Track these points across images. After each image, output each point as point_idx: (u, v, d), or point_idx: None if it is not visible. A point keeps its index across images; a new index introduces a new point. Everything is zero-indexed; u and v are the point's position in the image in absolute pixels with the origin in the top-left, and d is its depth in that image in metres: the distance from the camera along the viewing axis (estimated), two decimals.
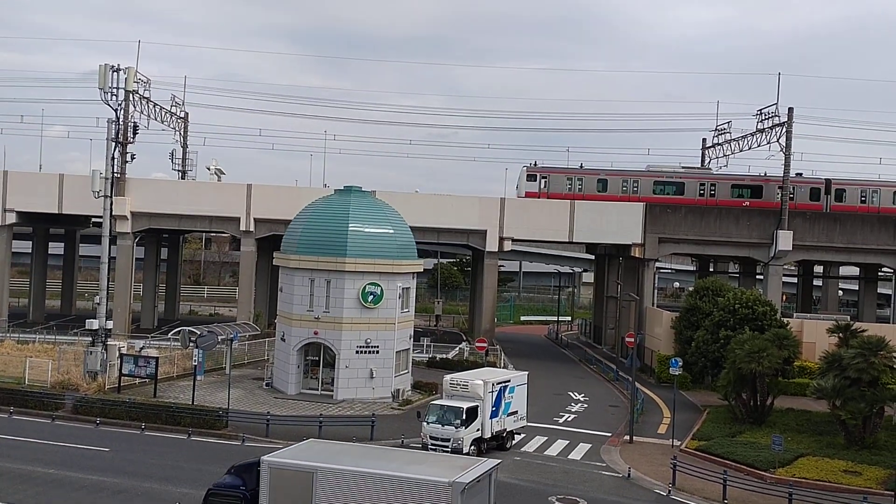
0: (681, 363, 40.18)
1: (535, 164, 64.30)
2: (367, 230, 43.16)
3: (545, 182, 62.97)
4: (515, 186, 64.90)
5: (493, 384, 33.60)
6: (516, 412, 35.40)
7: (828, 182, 62.93)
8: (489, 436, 33.42)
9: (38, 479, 25.84)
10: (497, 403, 33.85)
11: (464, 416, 32.11)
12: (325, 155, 70.94)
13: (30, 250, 75.96)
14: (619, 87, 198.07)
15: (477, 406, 32.83)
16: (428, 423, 32.71)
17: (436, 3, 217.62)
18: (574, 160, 75.55)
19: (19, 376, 41.98)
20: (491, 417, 33.37)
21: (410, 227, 46.65)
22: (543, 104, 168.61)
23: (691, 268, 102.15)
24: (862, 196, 61.92)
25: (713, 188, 62.07)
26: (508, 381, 35.07)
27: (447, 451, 31.75)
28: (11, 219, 62.38)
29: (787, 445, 32.95)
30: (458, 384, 33.82)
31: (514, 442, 35.36)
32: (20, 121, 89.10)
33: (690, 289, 61.61)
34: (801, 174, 63.51)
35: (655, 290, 69.30)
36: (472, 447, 32.48)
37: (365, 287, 42.08)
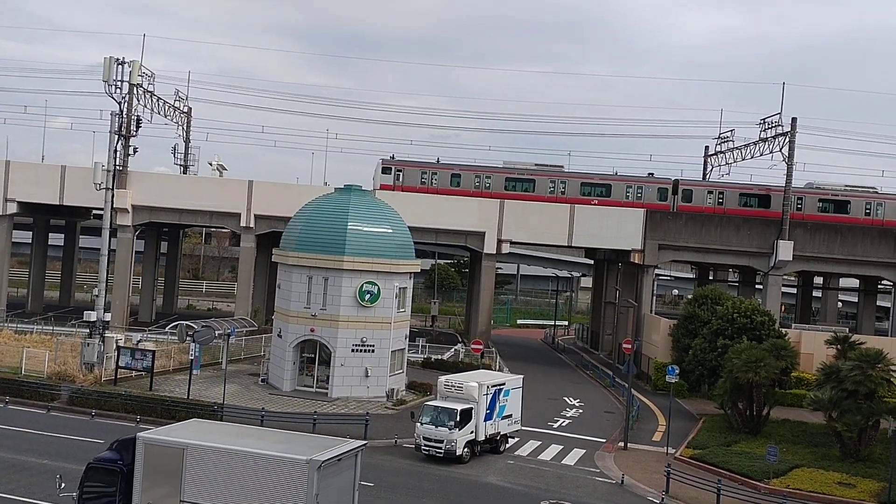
0: (677, 371, 40.13)
1: (392, 158, 64.60)
2: (365, 229, 43.19)
3: (400, 175, 63.18)
4: (372, 179, 64.84)
5: (487, 387, 33.47)
6: (511, 416, 35.22)
7: (675, 182, 63.42)
8: (483, 438, 33.27)
9: (32, 469, 25.82)
10: (491, 406, 33.69)
11: (457, 418, 31.99)
12: (327, 153, 70.92)
13: (30, 241, 75.95)
14: (621, 93, 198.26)
15: (471, 408, 32.68)
16: (421, 423, 32.55)
17: (439, 5, 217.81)
18: (575, 164, 75.69)
19: (16, 366, 41.95)
20: (485, 420, 33.22)
21: (409, 227, 46.68)
22: (545, 107, 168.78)
23: (691, 275, 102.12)
24: (709, 197, 62.61)
25: (563, 185, 62.71)
26: (503, 384, 34.98)
27: (440, 453, 31.83)
28: (12, 209, 62.36)
29: (782, 456, 32.93)
30: (452, 386, 33.71)
31: (507, 445, 35.16)
32: (24, 111, 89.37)
33: (689, 296, 61.57)
34: (651, 174, 64.83)
35: (654, 297, 69.23)
36: (466, 449, 32.38)
37: (362, 286, 42.09)
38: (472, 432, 32.72)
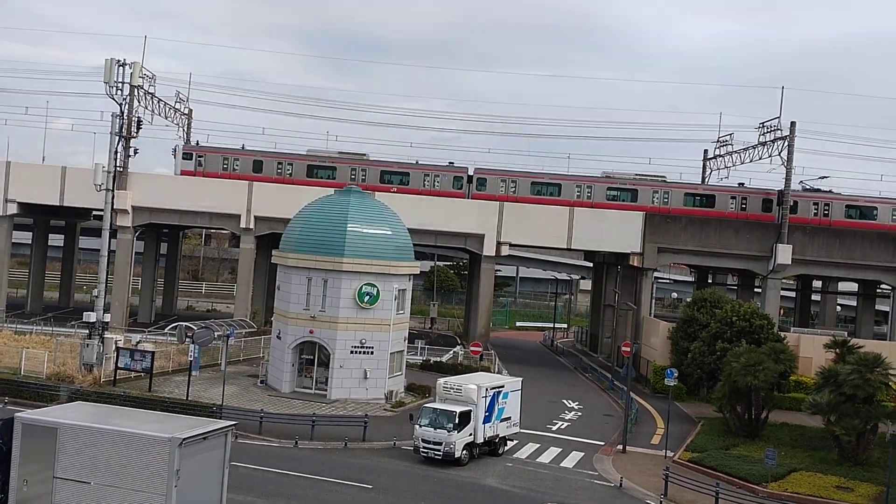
0: (676, 374, 40.19)
1: (197, 144, 64.88)
2: (365, 231, 43.24)
3: (201, 161, 63.28)
4: (174, 165, 65.05)
5: (486, 389, 33.50)
6: (509, 418, 35.21)
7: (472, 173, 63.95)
8: (481, 441, 33.27)
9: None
10: (490, 409, 33.68)
11: (456, 420, 31.98)
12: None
13: (30, 241, 75.96)
14: (622, 96, 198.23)
15: (470, 410, 32.66)
16: (420, 426, 32.52)
17: (443, 8, 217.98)
18: (575, 167, 75.73)
19: (15, 367, 41.97)
20: (484, 422, 33.20)
21: (408, 229, 46.73)
22: (546, 110, 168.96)
23: (690, 279, 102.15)
24: (503, 185, 63.34)
25: (364, 173, 63.22)
26: (502, 386, 34.98)
27: (438, 455, 31.85)
28: (13, 209, 62.40)
29: (781, 460, 32.94)
30: (451, 388, 33.66)
31: (506, 448, 35.12)
32: (25, 112, 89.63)
33: (688, 300, 61.65)
34: (451, 163, 65.24)
35: (653, 300, 69.27)
36: (464, 452, 32.38)
37: (361, 287, 42.14)
38: (470, 434, 32.70)
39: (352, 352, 42.29)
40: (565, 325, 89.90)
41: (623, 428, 38.47)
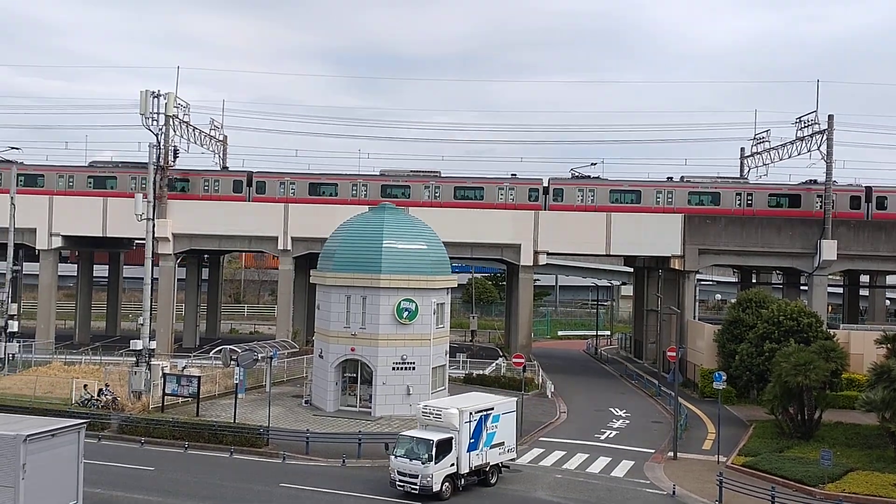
0: (724, 377, 39.51)
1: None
2: (400, 246, 43.34)
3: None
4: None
5: (470, 413, 30.11)
6: (502, 444, 31.68)
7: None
8: (466, 471, 29.88)
9: (87, 498, 26.13)
10: (477, 435, 30.32)
11: (433, 451, 28.67)
12: (359, 173, 71.18)
13: (75, 273, 77.53)
14: (655, 99, 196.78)
15: (451, 438, 29.37)
16: (395, 456, 29.42)
17: (468, 21, 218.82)
18: (609, 172, 74.95)
19: (66, 397, 42.74)
20: (469, 450, 29.88)
21: (444, 242, 46.73)
22: (579, 117, 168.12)
23: (733, 279, 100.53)
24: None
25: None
26: (491, 409, 31.38)
27: (415, 490, 28.65)
28: (57, 242, 63.75)
29: (837, 460, 32.20)
30: (430, 413, 30.32)
31: (501, 476, 31.71)
32: (65, 147, 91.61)
33: (733, 301, 60.69)
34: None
35: (697, 303, 68.34)
36: (446, 484, 29.07)
37: (400, 303, 42.19)
38: (452, 465, 29.33)
39: (394, 368, 42.31)
40: (608, 333, 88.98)
41: (673, 434, 37.88)
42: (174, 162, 61.86)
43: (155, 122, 56.23)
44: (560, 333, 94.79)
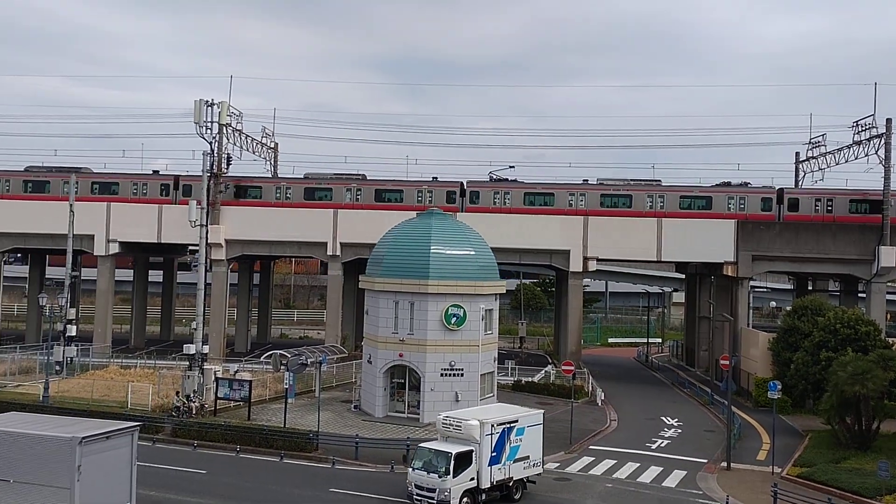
0: (779, 386, 38.74)
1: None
2: (448, 252, 43.38)
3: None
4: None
5: (493, 425, 29.04)
6: (527, 457, 30.39)
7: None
8: (488, 485, 28.66)
9: (141, 500, 26.67)
10: (499, 448, 29.19)
11: (451, 464, 27.52)
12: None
13: (131, 278, 79.38)
14: (706, 103, 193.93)
15: (471, 451, 28.30)
16: (413, 469, 28.37)
17: (515, 28, 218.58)
18: (659, 176, 74.19)
19: (122, 400, 43.73)
20: (490, 464, 28.74)
21: (491, 248, 46.63)
22: (628, 122, 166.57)
23: (788, 286, 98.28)
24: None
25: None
26: (515, 421, 30.17)
27: (432, 503, 27.63)
28: (114, 249, 65.32)
29: (894, 471, 31.18)
30: (451, 424, 29.21)
31: (525, 491, 30.45)
32: (122, 155, 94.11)
33: (788, 308, 59.22)
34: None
35: (750, 310, 66.96)
36: (465, 499, 27.96)
37: (448, 309, 42.21)
38: (472, 479, 28.20)
39: (442, 374, 42.32)
40: (659, 340, 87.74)
41: (726, 444, 37.20)
42: (227, 169, 62.97)
43: (209, 131, 57.41)
44: (610, 340, 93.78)
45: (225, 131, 61.07)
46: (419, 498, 27.89)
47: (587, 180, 63.44)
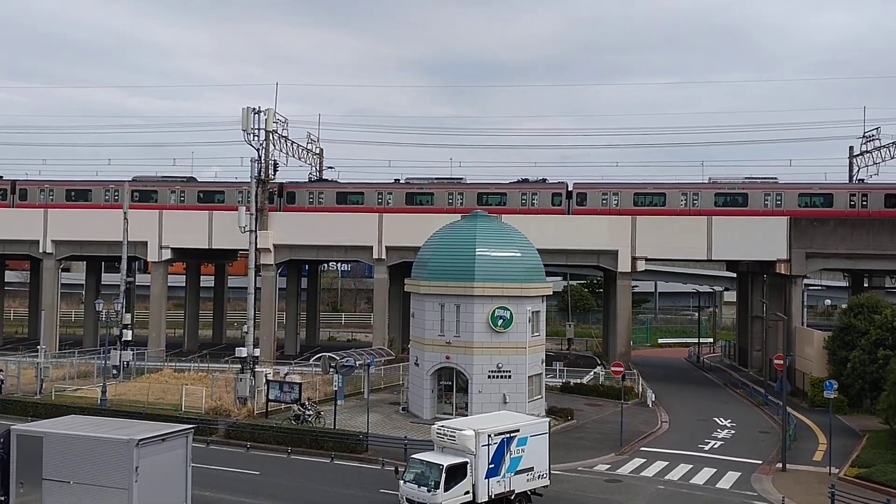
0: (836, 386, 37.78)
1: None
2: (494, 254, 43.29)
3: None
4: None
5: (489, 435, 27.25)
6: (531, 469, 28.49)
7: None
8: (485, 500, 26.96)
9: (196, 501, 27.18)
10: (497, 459, 27.44)
11: (442, 476, 25.90)
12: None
13: (184, 284, 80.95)
14: (756, 99, 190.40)
15: (465, 463, 26.61)
16: (405, 481, 26.97)
17: (559, 25, 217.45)
18: (710, 173, 72.92)
19: (177, 403, 44.61)
20: (488, 477, 27.02)
21: (538, 249, 46.41)
22: (676, 119, 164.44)
23: (843, 284, 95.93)
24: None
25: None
26: (517, 430, 28.29)
27: None
28: (167, 255, 66.70)
29: None
30: (444, 434, 27.70)
31: None
32: (173, 164, 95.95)
33: (843, 306, 57.86)
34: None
35: (804, 309, 65.48)
36: None
37: (494, 311, 42.12)
38: (467, 493, 26.49)
39: (489, 376, 42.26)
40: (711, 340, 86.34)
41: (781, 444, 36.47)
42: (274, 175, 63.85)
43: (256, 138, 58.30)
44: (660, 341, 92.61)
45: (271, 138, 61.93)
46: None
47: (460, 179, 64.13)
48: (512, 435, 28.02)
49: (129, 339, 55.61)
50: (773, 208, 59.10)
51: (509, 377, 42.31)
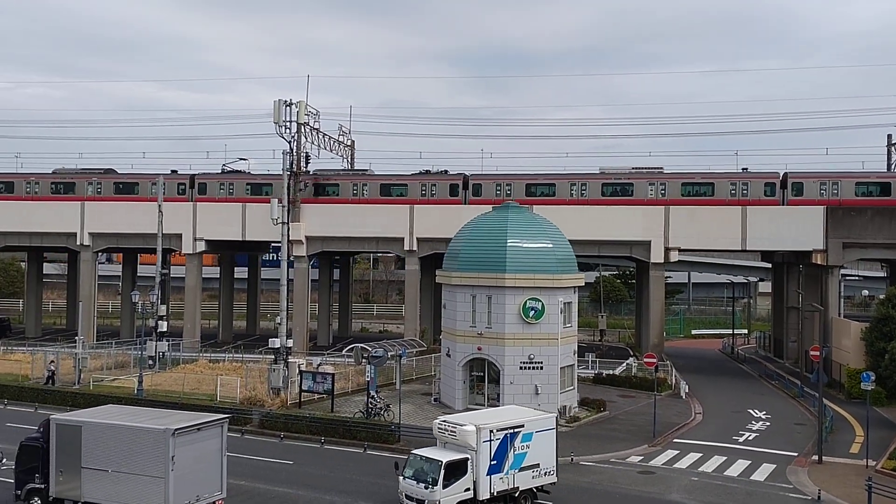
0: (873, 377, 37.20)
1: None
2: (525, 245, 43.17)
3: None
4: None
5: (491, 431, 26.61)
6: (537, 465, 27.71)
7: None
8: (487, 496, 26.33)
9: (231, 490, 27.60)
10: (500, 455, 26.79)
11: (440, 473, 25.31)
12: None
13: (218, 275, 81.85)
14: (792, 87, 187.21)
15: (465, 459, 26.00)
16: (404, 477, 26.43)
17: (593, 16, 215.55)
18: (744, 163, 71.98)
19: (212, 393, 45.23)
20: (490, 473, 26.37)
21: (569, 240, 46.19)
22: (711, 107, 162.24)
23: (881, 274, 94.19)
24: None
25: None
26: (521, 426, 27.57)
27: None
28: (201, 247, 67.50)
29: None
30: (445, 430, 27.12)
31: (537, 502, 27.99)
32: (206, 157, 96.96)
33: (881, 297, 56.80)
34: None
35: (841, 300, 64.44)
36: None
37: (525, 302, 42.04)
38: (467, 490, 25.90)
39: (521, 367, 42.23)
40: (745, 331, 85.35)
41: (818, 437, 36.00)
42: (306, 167, 64.24)
43: (287, 130, 58.68)
44: (694, 332, 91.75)
45: (303, 130, 62.29)
46: None
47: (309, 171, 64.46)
48: (516, 430, 27.34)
49: (165, 330, 56.44)
50: (657, 197, 59.13)
51: (541, 368, 42.24)
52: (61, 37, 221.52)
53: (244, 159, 71.02)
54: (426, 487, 25.42)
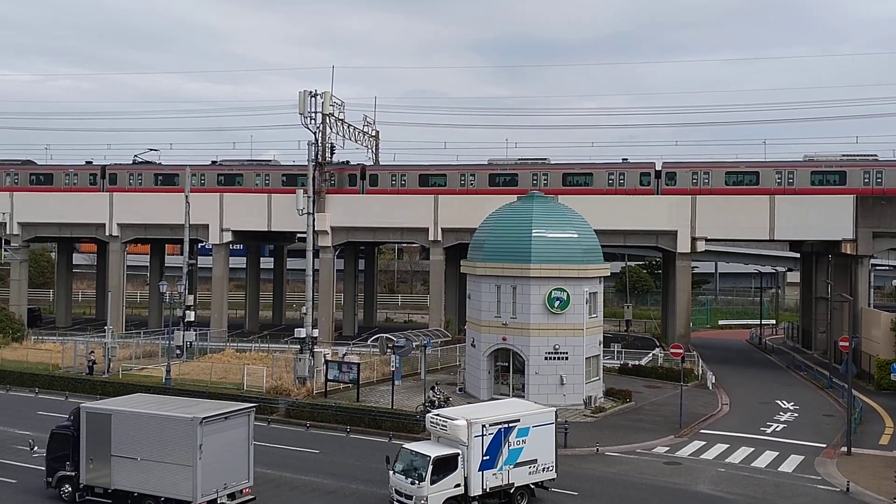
0: None
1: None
2: (550, 235, 43.00)
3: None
4: None
5: (483, 426, 25.86)
6: (534, 461, 27.00)
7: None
8: (479, 493, 25.68)
9: (258, 478, 27.87)
10: (493, 451, 26.04)
11: (428, 468, 24.72)
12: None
13: (244, 265, 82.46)
14: (820, 74, 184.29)
15: (456, 454, 25.40)
16: (394, 472, 26.00)
17: (620, 2, 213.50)
18: (771, 153, 71.06)
19: (239, 382, 45.67)
20: (482, 469, 25.72)
21: (595, 230, 45.94)
22: (738, 96, 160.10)
23: None
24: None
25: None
26: (516, 420, 26.75)
27: None
28: (228, 237, 68.06)
29: None
30: (437, 423, 26.60)
31: (534, 498, 27.34)
32: (233, 147, 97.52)
33: None
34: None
35: (871, 290, 63.54)
36: None
37: (551, 293, 41.91)
38: (458, 485, 25.28)
39: (546, 358, 42.15)
40: (773, 322, 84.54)
41: (847, 428, 35.58)
42: (331, 158, 64.44)
43: (312, 121, 58.79)
44: (721, 323, 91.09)
45: (328, 121, 62.44)
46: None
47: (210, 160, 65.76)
48: (511, 425, 26.56)
49: (192, 319, 56.94)
50: (541, 187, 59.49)
51: (566, 359, 42.14)
52: (89, 29, 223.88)
53: (155, 150, 72.55)
54: (413, 483, 24.95)
